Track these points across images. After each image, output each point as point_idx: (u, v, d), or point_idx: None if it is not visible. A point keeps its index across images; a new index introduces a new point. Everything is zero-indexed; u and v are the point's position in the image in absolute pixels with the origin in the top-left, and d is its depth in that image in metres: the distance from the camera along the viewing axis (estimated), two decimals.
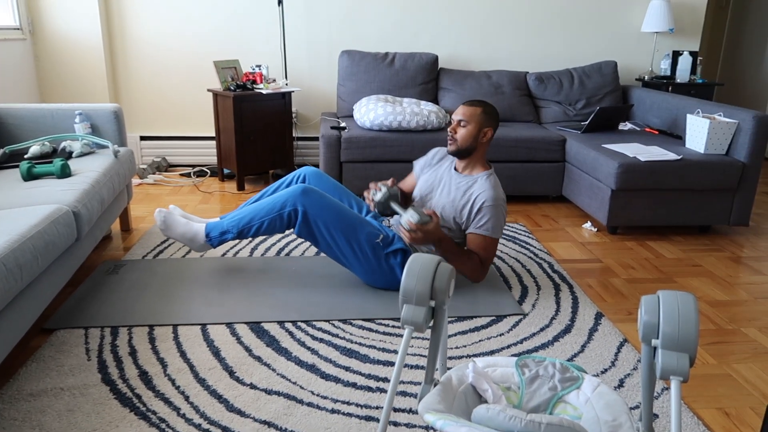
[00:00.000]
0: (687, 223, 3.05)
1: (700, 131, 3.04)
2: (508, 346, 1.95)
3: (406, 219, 2.08)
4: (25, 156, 2.56)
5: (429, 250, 2.23)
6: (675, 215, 3.03)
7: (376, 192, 2.24)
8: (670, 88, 4.14)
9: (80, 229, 2.05)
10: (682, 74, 4.19)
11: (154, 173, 4.03)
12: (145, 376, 1.72)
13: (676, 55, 4.30)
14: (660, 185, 2.93)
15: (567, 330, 2.06)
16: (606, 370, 1.82)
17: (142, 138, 4.17)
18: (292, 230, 2.28)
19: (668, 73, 4.29)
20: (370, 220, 2.31)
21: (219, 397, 1.63)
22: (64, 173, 2.31)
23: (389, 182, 2.28)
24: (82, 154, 2.64)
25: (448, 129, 2.25)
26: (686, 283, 2.52)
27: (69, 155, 2.63)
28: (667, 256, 2.82)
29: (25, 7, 3.75)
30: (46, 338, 1.93)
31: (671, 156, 2.95)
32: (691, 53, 4.26)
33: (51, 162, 2.42)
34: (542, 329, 2.06)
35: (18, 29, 3.70)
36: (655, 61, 4.40)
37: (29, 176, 2.29)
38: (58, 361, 1.78)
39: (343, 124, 3.54)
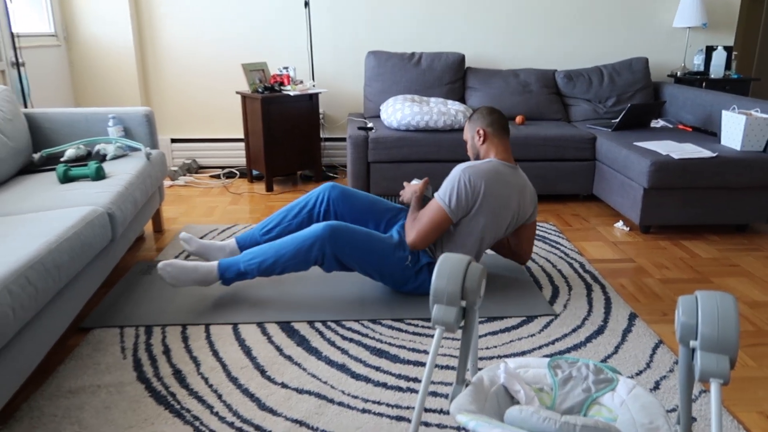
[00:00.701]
0: (723, 222, 2.98)
1: (736, 128, 2.97)
2: (540, 347, 1.93)
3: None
4: (62, 159, 2.62)
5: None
6: (710, 214, 2.96)
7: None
8: (703, 84, 4.04)
9: (115, 230, 2.09)
10: (716, 70, 4.10)
11: (184, 175, 4.10)
12: (178, 375, 1.75)
13: (709, 50, 4.20)
14: (694, 183, 2.87)
15: (600, 331, 2.03)
16: (641, 371, 1.78)
17: (173, 140, 4.25)
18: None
19: (702, 68, 4.19)
20: (398, 233, 2.26)
21: (251, 396, 1.65)
22: (99, 176, 2.36)
23: (424, 180, 2.28)
24: (115, 157, 2.70)
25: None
26: (723, 283, 2.46)
27: (103, 158, 2.69)
28: (702, 255, 2.76)
29: (60, 15, 3.85)
30: (83, 337, 1.98)
31: (706, 153, 2.88)
32: (726, 48, 4.16)
33: (86, 165, 2.48)
34: (574, 330, 2.04)
35: (53, 36, 3.80)
36: (687, 57, 4.30)
37: (65, 179, 2.35)
38: (95, 360, 1.82)
39: (370, 125, 3.55)
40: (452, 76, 3.92)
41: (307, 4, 3.95)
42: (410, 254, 2.17)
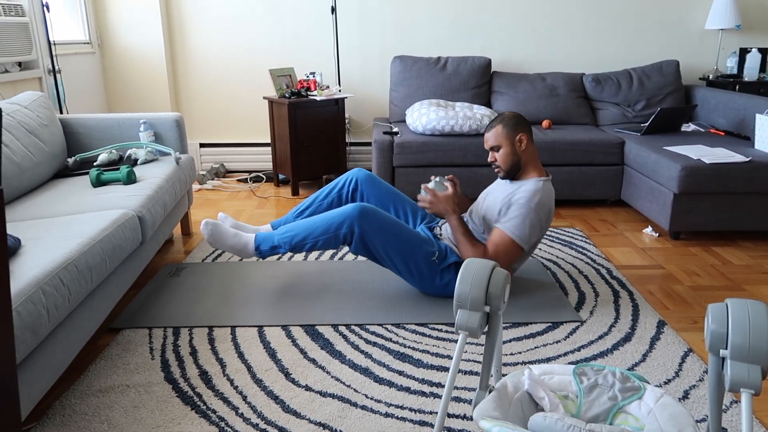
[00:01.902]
0: (756, 228, 2.90)
1: None
2: (565, 354, 1.90)
3: (426, 186, 2.22)
4: (94, 163, 2.69)
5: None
6: (743, 220, 2.88)
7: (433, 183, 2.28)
8: (737, 87, 3.95)
9: (145, 233, 2.14)
10: (750, 72, 4.00)
11: (212, 179, 4.16)
12: (205, 376, 1.78)
13: (743, 52, 4.10)
14: (726, 188, 2.80)
15: (627, 338, 2.00)
16: (669, 380, 1.75)
17: (202, 145, 4.32)
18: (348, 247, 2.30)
19: (735, 71, 4.10)
20: (425, 231, 2.29)
21: (275, 398, 1.67)
22: (130, 179, 2.42)
23: (450, 187, 2.25)
24: (146, 161, 2.76)
25: (489, 160, 2.26)
26: (756, 290, 2.40)
27: (134, 162, 2.75)
28: (734, 262, 2.69)
29: (94, 23, 3.96)
30: (113, 337, 2.02)
31: (739, 158, 2.81)
32: (760, 50, 4.06)
33: (118, 169, 2.54)
34: (601, 337, 2.01)
35: (88, 43, 3.90)
36: (720, 60, 4.21)
37: (98, 182, 2.41)
38: (125, 360, 1.86)
39: (395, 129, 3.55)
40: (478, 81, 3.91)
41: (334, 10, 3.99)
42: (437, 250, 2.18)
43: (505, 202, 2.15)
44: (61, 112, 3.41)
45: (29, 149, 2.43)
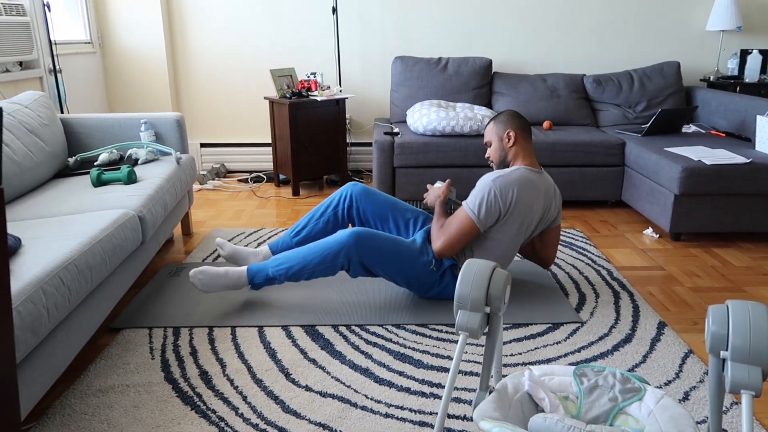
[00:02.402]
0: (757, 230, 2.90)
1: None
2: (565, 355, 1.90)
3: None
4: (95, 163, 2.69)
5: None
6: (744, 221, 2.88)
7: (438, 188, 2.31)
8: (737, 89, 3.95)
9: (145, 232, 2.14)
10: (751, 74, 4.00)
11: (213, 179, 4.16)
12: (205, 376, 1.78)
13: (744, 53, 4.10)
14: (727, 190, 2.80)
15: (627, 339, 1.99)
16: (670, 381, 1.75)
17: (202, 145, 4.32)
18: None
19: (736, 72, 4.10)
20: (421, 237, 2.26)
21: (275, 398, 1.66)
22: (131, 179, 2.42)
23: (446, 183, 2.29)
24: (147, 161, 2.76)
25: (485, 155, 2.32)
26: (757, 292, 2.40)
27: (135, 162, 2.75)
28: (735, 264, 2.69)
29: (95, 23, 3.96)
30: (113, 337, 2.02)
31: (740, 159, 2.81)
32: (761, 51, 4.06)
33: (118, 169, 2.54)
34: (601, 338, 2.01)
35: (89, 43, 3.91)
36: (721, 61, 4.21)
37: (98, 182, 2.41)
38: (125, 360, 1.86)
39: (396, 130, 3.55)
40: (479, 81, 3.91)
41: (334, 11, 3.99)
42: (433, 258, 2.17)
43: None
44: (62, 112, 3.41)
45: (30, 149, 2.43)
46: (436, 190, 2.31)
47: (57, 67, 3.34)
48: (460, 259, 2.18)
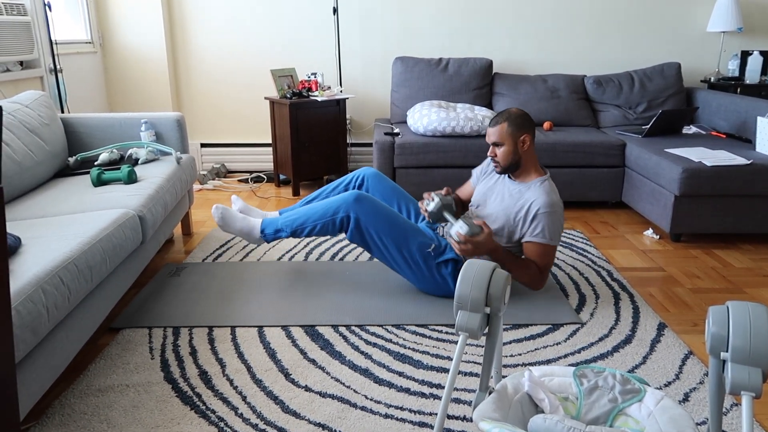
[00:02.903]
0: (757, 231, 2.90)
1: None
2: (565, 356, 1.90)
3: (455, 230, 2.06)
4: (95, 163, 2.69)
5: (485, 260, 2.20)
6: (744, 222, 2.88)
7: (429, 202, 2.18)
8: (738, 90, 3.95)
9: (145, 232, 2.14)
10: (752, 75, 4.00)
11: (213, 179, 4.16)
12: (204, 376, 1.77)
13: (745, 55, 4.10)
14: (727, 191, 2.80)
15: (627, 340, 1.99)
16: (670, 383, 1.74)
17: (203, 145, 4.32)
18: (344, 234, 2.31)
19: (736, 74, 4.10)
20: (425, 229, 2.31)
21: (275, 398, 1.66)
22: (131, 179, 2.42)
23: (443, 191, 2.25)
24: (147, 161, 2.76)
25: (488, 153, 2.24)
26: (757, 293, 2.40)
27: (135, 162, 2.75)
28: (735, 265, 2.69)
29: (96, 22, 3.96)
30: (112, 337, 2.02)
31: (740, 160, 2.81)
32: (762, 53, 4.05)
33: (119, 168, 2.54)
34: (601, 339, 2.00)
35: (89, 43, 3.91)
36: (722, 62, 4.21)
37: (99, 182, 2.41)
38: (124, 359, 1.86)
39: (396, 130, 3.55)
40: (479, 82, 3.91)
41: (335, 11, 3.99)
42: (435, 244, 2.19)
43: (517, 209, 2.15)
44: (63, 112, 3.41)
45: (30, 148, 2.43)
46: (485, 244, 2.07)
47: (58, 67, 3.34)
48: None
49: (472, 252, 2.06)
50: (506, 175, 2.29)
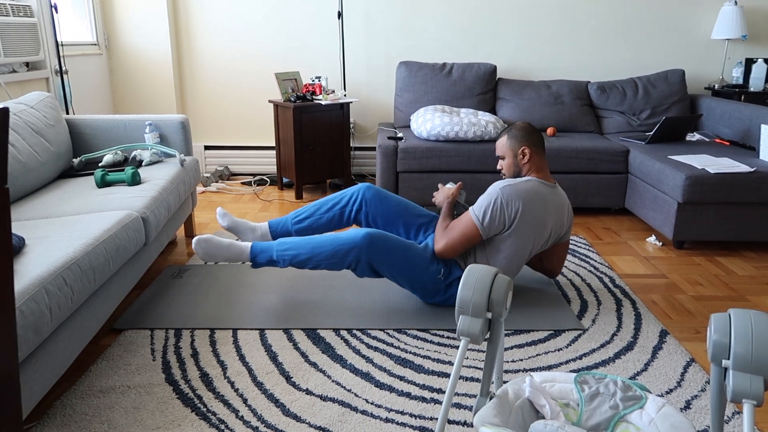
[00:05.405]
0: (760, 239, 2.89)
1: None
2: (567, 362, 1.90)
3: (453, 189, 2.31)
4: (99, 164, 2.70)
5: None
6: (747, 230, 2.88)
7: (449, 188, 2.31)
8: (742, 97, 3.95)
9: (148, 234, 2.14)
10: (756, 83, 3.99)
11: (217, 181, 4.17)
12: (206, 378, 1.78)
13: (749, 62, 4.10)
14: (731, 198, 2.80)
15: (629, 347, 1.99)
16: (671, 390, 1.74)
17: (207, 147, 4.34)
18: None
19: (740, 81, 4.10)
20: (431, 245, 2.25)
21: (276, 401, 1.66)
22: (135, 181, 2.42)
23: (458, 185, 2.29)
24: (151, 163, 2.77)
25: (497, 167, 2.32)
26: (759, 301, 2.39)
27: (139, 164, 2.76)
28: (738, 272, 2.68)
29: (101, 24, 3.98)
30: (115, 338, 2.03)
31: (744, 168, 2.81)
32: (766, 61, 4.05)
33: (122, 170, 2.55)
34: (603, 345, 2.00)
35: (95, 45, 3.93)
36: (726, 69, 4.21)
37: (103, 183, 2.42)
38: (126, 360, 1.87)
39: (400, 135, 3.56)
40: (483, 87, 3.92)
41: (340, 15, 4.00)
42: (443, 267, 2.17)
43: None
44: (68, 113, 3.43)
45: (35, 149, 2.44)
46: (446, 191, 2.30)
47: (63, 68, 3.36)
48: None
49: (438, 195, 2.30)
50: None
